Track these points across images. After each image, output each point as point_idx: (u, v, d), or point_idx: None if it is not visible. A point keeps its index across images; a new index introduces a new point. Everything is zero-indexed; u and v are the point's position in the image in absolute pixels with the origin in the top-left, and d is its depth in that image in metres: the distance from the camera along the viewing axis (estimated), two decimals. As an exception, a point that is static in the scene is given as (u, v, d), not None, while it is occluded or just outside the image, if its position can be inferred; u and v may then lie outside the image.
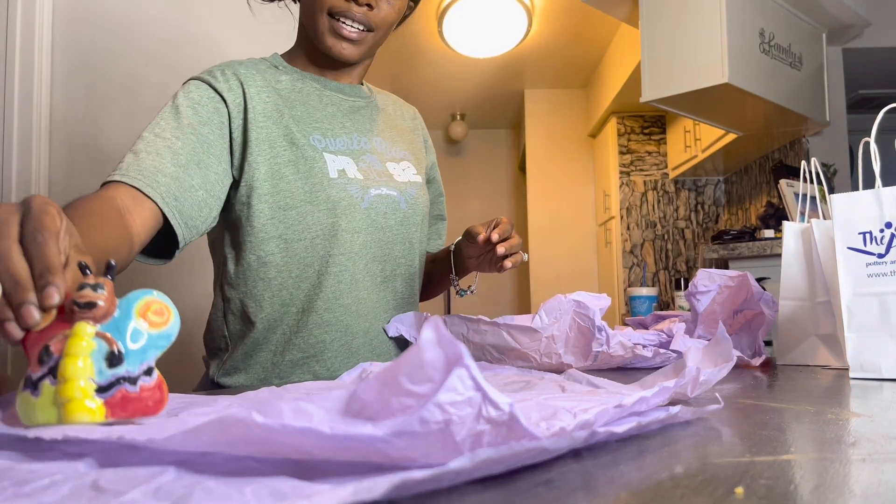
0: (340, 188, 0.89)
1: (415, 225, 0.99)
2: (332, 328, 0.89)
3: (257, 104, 0.88)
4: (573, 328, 0.81)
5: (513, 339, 0.82)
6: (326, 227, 0.88)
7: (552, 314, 0.81)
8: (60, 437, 0.33)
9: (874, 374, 0.67)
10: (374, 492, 0.23)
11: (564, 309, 0.81)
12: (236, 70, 0.90)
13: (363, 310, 0.92)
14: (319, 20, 0.88)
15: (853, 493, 0.27)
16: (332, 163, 0.90)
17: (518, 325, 0.82)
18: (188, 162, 0.80)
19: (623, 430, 0.35)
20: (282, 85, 0.93)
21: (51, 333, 0.40)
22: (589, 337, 0.80)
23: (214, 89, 0.87)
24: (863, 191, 0.71)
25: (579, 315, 0.80)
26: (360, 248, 0.91)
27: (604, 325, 0.80)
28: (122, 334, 0.40)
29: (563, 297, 0.82)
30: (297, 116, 0.91)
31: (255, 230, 0.87)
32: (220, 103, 0.87)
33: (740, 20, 2.39)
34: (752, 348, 0.87)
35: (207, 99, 0.86)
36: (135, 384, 0.39)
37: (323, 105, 0.95)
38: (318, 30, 0.89)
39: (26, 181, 1.49)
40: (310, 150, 0.89)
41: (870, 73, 3.23)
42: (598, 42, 3.97)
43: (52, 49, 1.54)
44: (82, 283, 0.40)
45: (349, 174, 0.90)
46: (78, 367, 0.38)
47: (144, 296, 0.42)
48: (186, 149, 0.81)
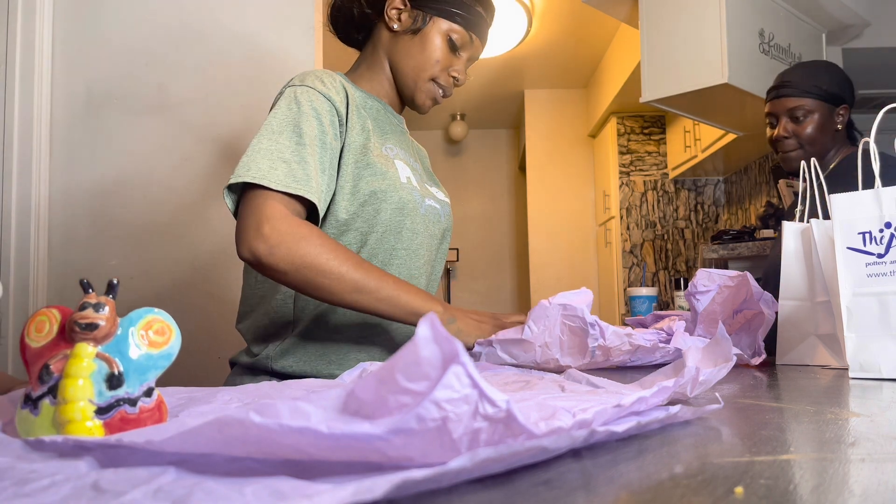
0: (409, 191, 0.99)
1: (447, 241, 1.11)
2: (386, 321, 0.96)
3: (352, 110, 0.97)
4: (564, 332, 0.80)
5: (507, 354, 0.82)
6: (395, 224, 0.96)
7: (540, 322, 0.81)
8: (60, 440, 0.33)
9: (874, 374, 0.67)
10: (374, 492, 0.23)
11: (552, 315, 0.80)
12: (334, 77, 0.98)
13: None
14: (422, 80, 1.02)
15: (853, 493, 0.27)
16: (401, 170, 1.00)
17: (509, 338, 0.81)
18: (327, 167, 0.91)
19: (623, 429, 0.35)
20: (358, 100, 1.01)
21: (51, 352, 0.40)
22: (582, 336, 0.79)
23: (327, 98, 0.94)
24: (863, 191, 0.71)
25: (568, 317, 0.80)
26: (418, 248, 1.01)
27: (595, 318, 0.79)
28: (123, 354, 0.40)
29: (548, 302, 0.81)
30: (371, 128, 1.00)
31: (339, 223, 0.94)
32: (334, 112, 0.94)
33: (740, 20, 2.39)
34: (751, 348, 0.87)
35: (325, 108, 0.93)
36: (134, 405, 0.39)
37: (388, 122, 1.06)
38: (417, 86, 1.02)
39: (26, 181, 1.49)
40: (384, 158, 0.98)
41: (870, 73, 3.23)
42: (598, 42, 3.97)
43: (52, 49, 1.54)
44: (84, 302, 0.40)
45: (413, 182, 1.01)
46: (78, 389, 0.38)
47: (146, 314, 0.42)
48: (325, 157, 0.91)
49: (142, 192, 1.63)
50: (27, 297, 1.49)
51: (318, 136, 0.90)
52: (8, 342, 1.51)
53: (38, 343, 0.40)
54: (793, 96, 1.51)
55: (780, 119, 1.53)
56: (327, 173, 0.91)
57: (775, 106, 1.54)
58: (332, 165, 0.92)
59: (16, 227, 1.48)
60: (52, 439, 0.33)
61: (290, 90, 0.93)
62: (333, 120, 0.93)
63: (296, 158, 0.86)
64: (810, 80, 1.52)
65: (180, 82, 1.69)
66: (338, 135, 0.94)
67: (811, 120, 1.50)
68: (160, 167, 1.64)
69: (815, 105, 1.51)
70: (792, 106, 1.51)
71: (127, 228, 1.63)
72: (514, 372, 0.71)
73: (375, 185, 0.95)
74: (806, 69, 1.56)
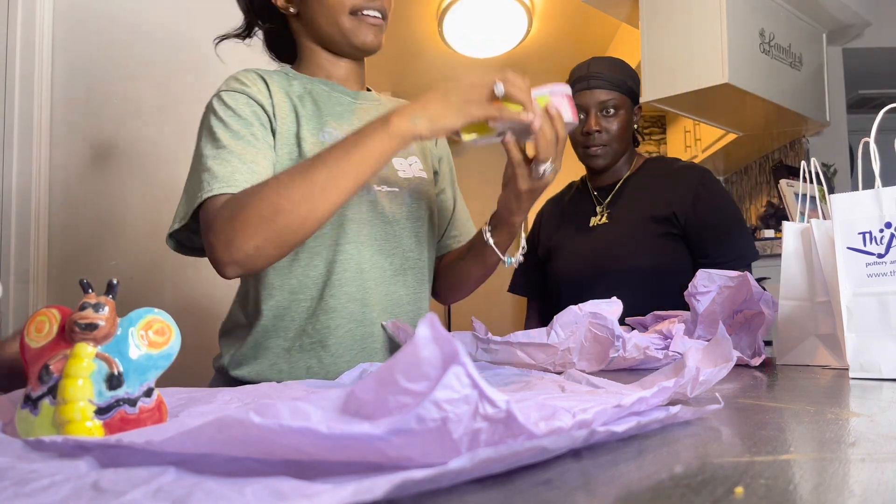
0: None
1: (421, 219, 1.02)
2: (338, 315, 0.91)
3: (277, 101, 0.92)
4: (588, 338, 0.81)
5: (528, 356, 0.82)
6: (335, 216, 0.90)
7: (568, 328, 0.81)
8: (60, 440, 0.33)
9: (874, 374, 0.67)
10: (374, 492, 0.23)
11: (580, 321, 0.81)
12: (249, 73, 0.95)
13: (371, 300, 0.94)
14: (342, 22, 0.94)
15: (853, 493, 0.27)
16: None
17: (534, 342, 0.81)
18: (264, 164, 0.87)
19: (623, 429, 0.35)
20: (293, 89, 0.97)
21: (51, 352, 0.40)
22: (606, 344, 0.80)
23: (243, 93, 0.90)
24: (863, 191, 0.71)
25: (595, 325, 0.81)
26: (367, 239, 0.94)
27: (622, 332, 0.80)
28: (123, 355, 0.40)
29: (578, 309, 0.82)
30: (307, 115, 0.95)
31: None
32: (257, 105, 0.91)
33: (740, 20, 2.39)
34: (751, 348, 0.87)
35: (241, 101, 0.90)
36: (134, 405, 0.39)
37: (332, 105, 0.98)
38: (343, 30, 0.94)
39: (26, 181, 1.49)
40: (319, 146, 0.92)
41: (870, 73, 3.23)
42: (598, 42, 3.96)
43: (52, 49, 1.54)
44: (84, 302, 0.40)
45: None
46: (77, 389, 0.38)
47: (146, 315, 0.42)
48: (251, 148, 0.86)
49: (142, 192, 1.63)
50: (27, 297, 1.49)
51: (237, 134, 0.86)
52: (8, 342, 1.50)
53: (37, 343, 0.40)
54: (604, 88, 1.41)
55: (591, 112, 1.42)
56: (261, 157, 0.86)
57: (585, 98, 1.42)
58: (264, 155, 0.87)
59: (16, 227, 1.48)
60: (51, 439, 0.33)
61: (205, 111, 0.91)
62: (256, 110, 0.90)
63: (216, 163, 0.83)
64: (619, 72, 1.44)
65: (180, 83, 1.69)
66: (265, 123, 0.90)
67: (620, 115, 1.42)
68: (161, 167, 1.64)
69: (623, 100, 1.43)
70: (603, 98, 1.41)
71: (127, 228, 1.63)
72: (514, 372, 0.71)
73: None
74: (612, 61, 1.46)
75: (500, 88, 0.74)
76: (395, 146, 0.75)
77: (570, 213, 1.57)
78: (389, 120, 0.74)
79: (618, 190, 1.48)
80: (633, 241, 1.39)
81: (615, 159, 1.47)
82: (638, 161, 1.51)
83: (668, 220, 1.38)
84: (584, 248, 1.47)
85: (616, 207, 1.46)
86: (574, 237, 1.50)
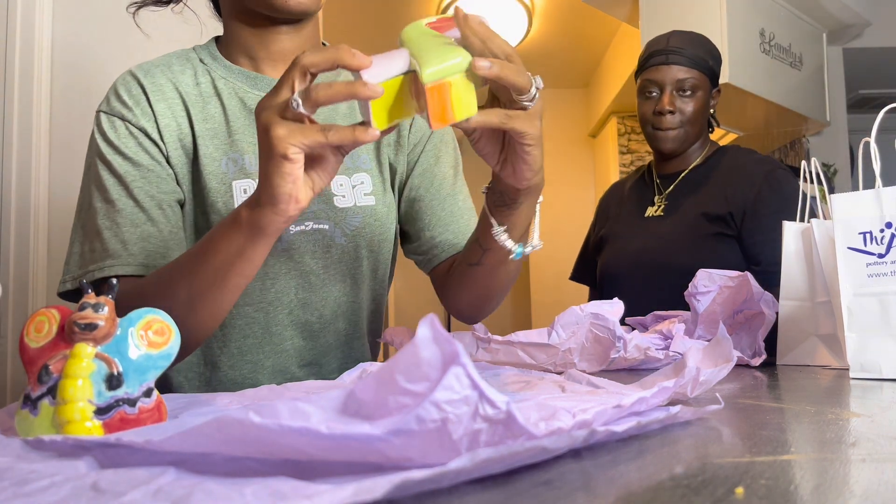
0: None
1: (360, 259, 0.83)
2: (239, 387, 0.75)
3: (164, 123, 0.76)
4: (589, 338, 0.81)
5: (528, 356, 0.82)
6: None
7: (569, 328, 0.81)
8: (60, 440, 0.33)
9: (874, 374, 0.67)
10: (374, 492, 0.23)
11: (581, 322, 0.81)
12: (138, 79, 0.77)
13: (281, 366, 0.81)
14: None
15: (853, 493, 0.27)
16: (240, 195, 0.75)
17: (534, 342, 0.81)
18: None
19: (623, 429, 0.35)
20: (202, 88, 0.78)
21: (50, 352, 0.40)
22: (607, 345, 0.80)
23: (127, 122, 0.75)
24: (863, 191, 0.71)
25: (597, 326, 0.81)
26: (276, 298, 0.78)
27: (623, 333, 0.80)
28: (123, 355, 0.40)
29: (580, 310, 0.82)
30: (210, 131, 0.76)
31: None
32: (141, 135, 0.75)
33: (740, 20, 2.39)
34: (752, 348, 0.87)
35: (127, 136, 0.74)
36: (134, 406, 0.39)
37: (247, 112, 0.78)
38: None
39: (26, 181, 1.49)
40: (215, 179, 0.75)
41: (870, 73, 3.23)
42: (598, 42, 3.96)
43: (52, 49, 1.54)
44: (83, 302, 0.40)
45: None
46: (77, 389, 0.38)
47: (146, 315, 0.42)
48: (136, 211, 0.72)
49: (142, 192, 1.63)
50: (27, 297, 1.49)
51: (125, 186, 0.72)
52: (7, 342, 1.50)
53: (37, 343, 0.40)
54: (683, 65, 1.28)
55: (665, 90, 1.30)
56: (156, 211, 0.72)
57: (661, 73, 1.29)
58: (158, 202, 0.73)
59: (15, 227, 1.48)
60: (51, 439, 0.33)
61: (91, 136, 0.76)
62: (142, 141, 0.74)
63: (108, 230, 0.70)
64: (700, 49, 1.30)
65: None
66: (156, 155, 0.75)
67: (698, 97, 1.29)
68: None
69: (702, 80, 1.30)
70: (681, 77, 1.28)
71: (127, 228, 1.63)
72: (514, 372, 0.71)
73: (199, 222, 0.76)
74: (693, 37, 1.33)
75: (295, 104, 0.48)
76: (258, 240, 0.56)
77: (629, 200, 1.45)
78: (239, 210, 0.56)
79: (681, 180, 1.34)
80: (679, 239, 1.27)
81: (686, 144, 1.33)
82: (711, 149, 1.37)
83: (723, 220, 1.24)
84: (632, 242, 1.35)
85: (675, 199, 1.33)
86: (625, 228, 1.39)
